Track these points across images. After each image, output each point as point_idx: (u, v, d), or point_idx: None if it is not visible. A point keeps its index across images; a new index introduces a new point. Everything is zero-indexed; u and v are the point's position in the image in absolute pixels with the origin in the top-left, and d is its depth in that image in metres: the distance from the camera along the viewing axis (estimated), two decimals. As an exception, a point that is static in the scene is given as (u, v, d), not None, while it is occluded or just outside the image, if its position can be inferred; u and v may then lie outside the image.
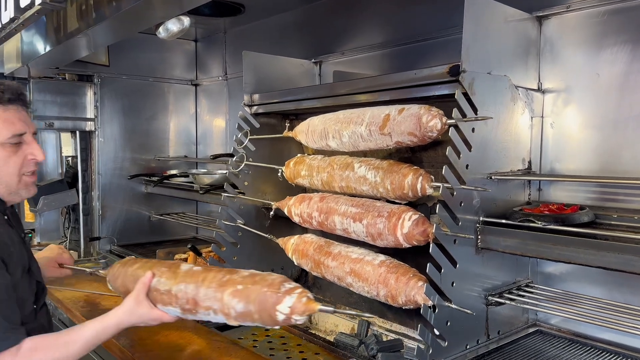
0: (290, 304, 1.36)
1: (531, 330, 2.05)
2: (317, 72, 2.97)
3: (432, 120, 1.72)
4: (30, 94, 3.49)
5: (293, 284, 1.42)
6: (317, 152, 2.42)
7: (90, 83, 3.76)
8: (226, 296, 1.44)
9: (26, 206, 3.79)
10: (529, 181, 2.00)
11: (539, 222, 1.64)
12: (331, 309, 1.38)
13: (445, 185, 1.67)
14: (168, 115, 4.16)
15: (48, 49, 2.71)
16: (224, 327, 2.51)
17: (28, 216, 3.89)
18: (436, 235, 1.66)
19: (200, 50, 4.21)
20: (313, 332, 2.48)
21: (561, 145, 2.02)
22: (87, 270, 2.00)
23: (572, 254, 1.56)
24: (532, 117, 1.99)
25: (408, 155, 2.33)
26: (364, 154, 2.32)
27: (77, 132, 3.76)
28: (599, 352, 1.86)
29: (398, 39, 2.59)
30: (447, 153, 1.66)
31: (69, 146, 3.89)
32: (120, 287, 1.70)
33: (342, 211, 1.98)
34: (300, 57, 2.92)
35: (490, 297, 1.84)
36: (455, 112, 1.67)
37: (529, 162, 1.99)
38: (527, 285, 1.99)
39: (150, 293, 1.57)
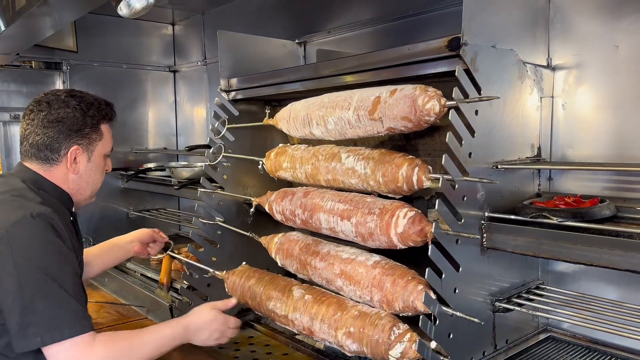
0: (401, 350, 1.48)
1: (542, 336, 1.84)
2: (302, 54, 2.72)
3: (429, 102, 1.48)
4: (-8, 84, 3.22)
5: (402, 328, 1.51)
6: (303, 141, 2.18)
7: (59, 71, 3.48)
8: (340, 335, 1.62)
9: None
10: (539, 170, 1.78)
11: (555, 218, 1.42)
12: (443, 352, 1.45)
13: (446, 176, 1.44)
14: (146, 104, 3.90)
15: (1, 29, 2.44)
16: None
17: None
18: (435, 235, 1.43)
19: (178, 34, 3.94)
20: (300, 338, 2.27)
21: (574, 129, 1.79)
22: (208, 271, 2.15)
23: (594, 255, 1.34)
24: (541, 98, 1.76)
25: (402, 143, 2.10)
26: (352, 142, 2.09)
27: (47, 124, 3.49)
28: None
29: (389, 13, 2.34)
30: (447, 140, 1.43)
31: (39, 139, 3.62)
32: (239, 297, 1.99)
33: (328, 208, 1.74)
34: (284, 38, 2.67)
35: (497, 303, 1.62)
36: (456, 92, 1.43)
37: (539, 149, 1.77)
38: (537, 288, 1.77)
39: (269, 313, 1.86)
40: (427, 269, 1.41)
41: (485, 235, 1.55)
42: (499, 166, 1.58)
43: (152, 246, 2.27)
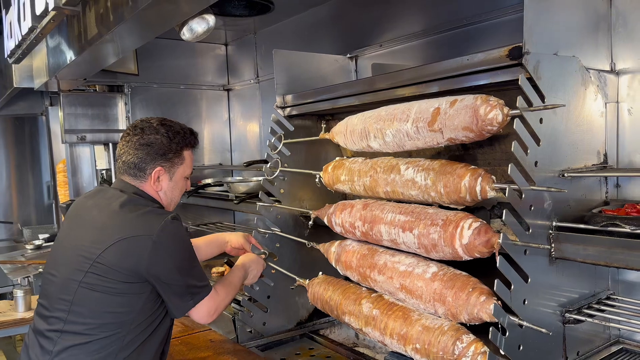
0: None
1: (614, 348, 1.78)
2: (353, 68, 2.76)
3: (491, 112, 1.48)
4: (61, 108, 3.42)
5: (466, 341, 1.53)
6: (357, 154, 2.21)
7: (121, 93, 3.67)
8: (409, 350, 1.68)
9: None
10: (606, 178, 1.73)
11: (627, 226, 1.38)
12: None
13: (513, 186, 1.43)
14: (201, 122, 4.05)
15: (73, 58, 2.61)
16: (265, 348, 2.37)
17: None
18: (503, 245, 1.42)
19: (231, 54, 4.07)
20: (361, 350, 2.28)
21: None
22: (295, 279, 2.33)
23: (671, 265, 1.29)
24: (605, 103, 1.72)
25: (459, 153, 2.09)
26: (407, 154, 2.10)
27: (110, 145, 3.68)
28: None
29: (441, 24, 2.35)
30: (512, 149, 1.42)
31: (103, 159, 3.82)
32: (320, 307, 2.16)
33: (389, 220, 1.76)
34: (334, 53, 2.72)
35: (567, 314, 1.59)
36: (520, 101, 1.42)
37: (605, 155, 1.72)
38: (607, 298, 1.72)
39: (349, 324, 1.98)
40: (495, 281, 1.40)
41: (553, 245, 1.52)
42: (566, 174, 1.56)
43: (244, 251, 2.43)
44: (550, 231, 1.53)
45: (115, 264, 1.67)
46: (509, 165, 1.41)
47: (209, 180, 3.62)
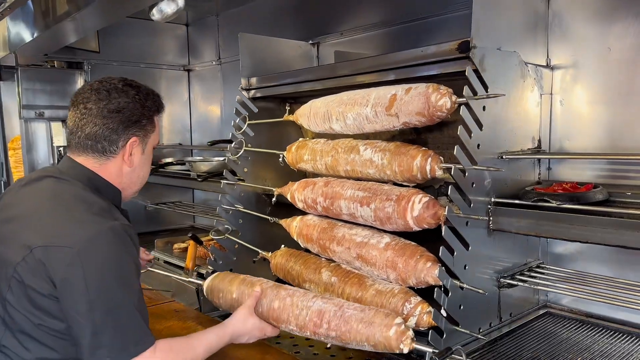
0: (414, 321, 1.68)
1: (542, 311, 2.02)
2: (315, 54, 2.89)
3: (441, 99, 1.66)
4: (18, 83, 3.38)
5: (414, 302, 1.69)
6: (318, 135, 2.36)
7: (80, 70, 3.65)
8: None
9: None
10: (539, 160, 1.96)
11: (554, 202, 1.60)
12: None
13: (457, 166, 1.62)
14: (161, 102, 4.05)
15: (36, 34, 2.61)
16: (228, 316, 2.48)
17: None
18: (448, 217, 1.61)
19: (192, 35, 4.10)
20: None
21: (570, 123, 1.97)
22: (258, 252, 2.35)
23: (589, 234, 1.52)
24: (541, 95, 1.94)
25: (412, 137, 2.27)
26: (365, 137, 2.26)
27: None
28: (611, 333, 1.83)
29: (399, 17, 2.52)
30: (458, 132, 1.61)
31: (61, 136, 3.78)
32: (283, 277, 2.17)
33: (348, 195, 1.92)
34: (296, 39, 2.84)
35: (502, 279, 1.81)
36: (466, 90, 1.61)
37: (539, 141, 1.95)
38: (538, 267, 1.95)
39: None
40: (440, 247, 1.59)
41: (491, 218, 1.73)
42: (504, 156, 1.76)
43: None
44: (489, 206, 1.73)
45: (31, 281, 1.33)
46: (455, 147, 1.60)
47: (170, 159, 3.68)
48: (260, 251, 2.38)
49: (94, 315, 1.31)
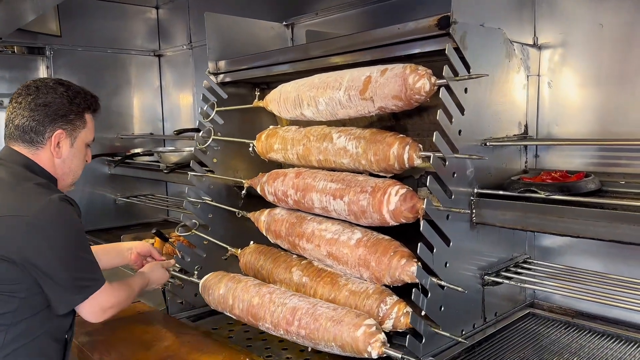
0: (391, 324, 1.56)
1: (529, 309, 1.90)
2: (290, 36, 2.72)
3: (419, 81, 1.51)
4: (-25, 70, 3.16)
5: (390, 303, 1.57)
6: (293, 123, 2.19)
7: (42, 56, 3.43)
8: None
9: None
10: (526, 147, 1.82)
11: (542, 192, 1.46)
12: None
13: (437, 154, 1.47)
14: (131, 89, 3.86)
15: (-17, 14, 2.40)
16: (197, 318, 2.34)
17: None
18: (427, 211, 1.47)
19: (162, 18, 3.89)
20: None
21: (559, 107, 1.84)
22: (227, 249, 2.25)
23: (580, 227, 1.38)
24: (527, 76, 1.80)
25: (391, 124, 2.12)
26: (341, 124, 2.11)
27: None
28: (601, 335, 1.71)
29: (376, -6, 2.36)
30: (437, 117, 1.46)
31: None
32: (253, 276, 2.05)
33: (320, 188, 1.76)
34: (270, 20, 2.66)
35: (486, 277, 1.67)
36: (446, 70, 1.46)
37: (525, 126, 1.81)
38: (524, 262, 1.83)
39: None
40: (419, 244, 1.45)
41: (474, 210, 1.59)
42: (488, 143, 1.62)
43: (150, 260, 2.23)
44: (472, 197, 1.59)
45: None
46: (434, 133, 1.45)
47: (137, 150, 3.49)
48: (229, 247, 2.23)
49: (66, 264, 1.55)
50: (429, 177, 1.45)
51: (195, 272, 2.22)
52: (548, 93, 1.85)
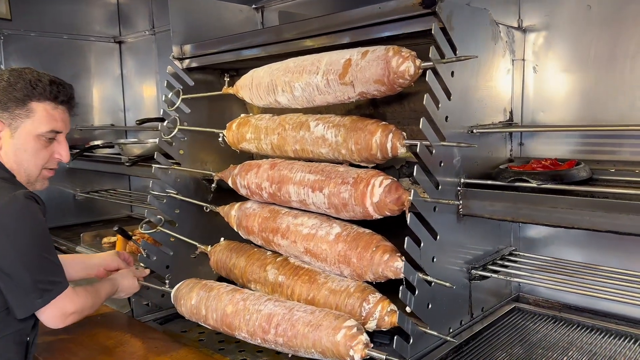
0: (375, 324, 1.47)
1: (515, 304, 1.83)
2: (260, 20, 2.57)
3: (403, 64, 1.40)
4: None
5: (372, 301, 1.47)
6: (265, 111, 2.06)
7: (-9, 42, 3.18)
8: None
9: None
10: (511, 135, 1.74)
11: (534, 181, 1.38)
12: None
13: (424, 142, 1.37)
14: (90, 78, 3.64)
15: None
16: (165, 321, 2.20)
17: None
18: (414, 202, 1.37)
19: (123, 2, 3.67)
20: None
21: (545, 92, 1.77)
22: (196, 246, 2.11)
23: (576, 217, 1.31)
24: (513, 60, 1.72)
25: (370, 112, 2.01)
26: (318, 112, 1.99)
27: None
28: (589, 330, 1.66)
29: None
30: (424, 102, 1.36)
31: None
32: (225, 276, 1.97)
33: (298, 179, 1.64)
34: (238, 3, 2.51)
35: (473, 271, 1.59)
36: (432, 52, 1.36)
37: (510, 113, 1.73)
38: (510, 254, 1.76)
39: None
40: (406, 238, 1.35)
41: (461, 201, 1.50)
42: (475, 130, 1.53)
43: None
44: (459, 188, 1.50)
45: None
46: (421, 119, 1.35)
47: (97, 142, 3.28)
48: (198, 245, 2.09)
49: (27, 264, 1.49)
50: (415, 167, 1.35)
51: (167, 281, 2.08)
52: (533, 78, 1.78)
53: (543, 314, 1.77)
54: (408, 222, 1.36)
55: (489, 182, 1.48)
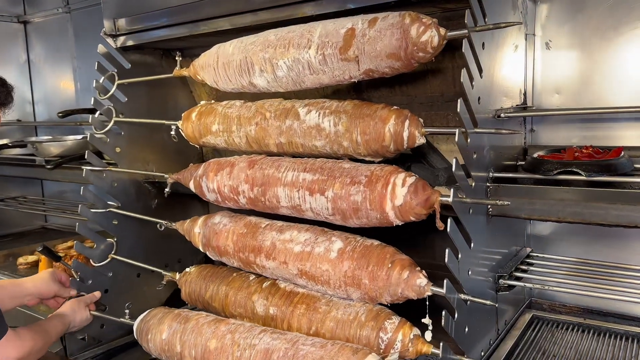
0: (396, 355, 1.19)
1: (533, 312, 1.64)
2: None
3: (425, 33, 1.12)
4: None
5: (390, 329, 1.20)
6: (221, 98, 1.69)
7: None
8: None
9: None
10: (524, 120, 1.53)
11: (584, 173, 1.16)
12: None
13: (461, 129, 1.10)
14: (-13, 65, 3.05)
15: None
16: (107, 357, 1.81)
17: None
18: (453, 205, 1.09)
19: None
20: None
21: (559, 71, 1.57)
22: (163, 275, 1.73)
23: (637, 215, 1.10)
24: (526, 35, 1.50)
25: (351, 97, 1.72)
26: (296, 95, 1.67)
27: None
28: (619, 338, 1.49)
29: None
30: (462, 79, 1.09)
31: None
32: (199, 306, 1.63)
33: (289, 180, 1.31)
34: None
35: (501, 280, 1.35)
36: (468, 17, 1.08)
37: (524, 95, 1.51)
38: (529, 257, 1.54)
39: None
40: (447, 250, 1.08)
41: (491, 199, 1.25)
42: (502, 114, 1.29)
43: (58, 300, 1.77)
44: (488, 184, 1.26)
45: None
46: (458, 101, 1.08)
47: (4, 141, 2.72)
48: (164, 272, 1.69)
49: None
50: (454, 159, 1.07)
51: (127, 311, 1.68)
52: (545, 56, 1.57)
53: (566, 322, 1.58)
54: (449, 230, 1.08)
55: (528, 175, 1.24)
